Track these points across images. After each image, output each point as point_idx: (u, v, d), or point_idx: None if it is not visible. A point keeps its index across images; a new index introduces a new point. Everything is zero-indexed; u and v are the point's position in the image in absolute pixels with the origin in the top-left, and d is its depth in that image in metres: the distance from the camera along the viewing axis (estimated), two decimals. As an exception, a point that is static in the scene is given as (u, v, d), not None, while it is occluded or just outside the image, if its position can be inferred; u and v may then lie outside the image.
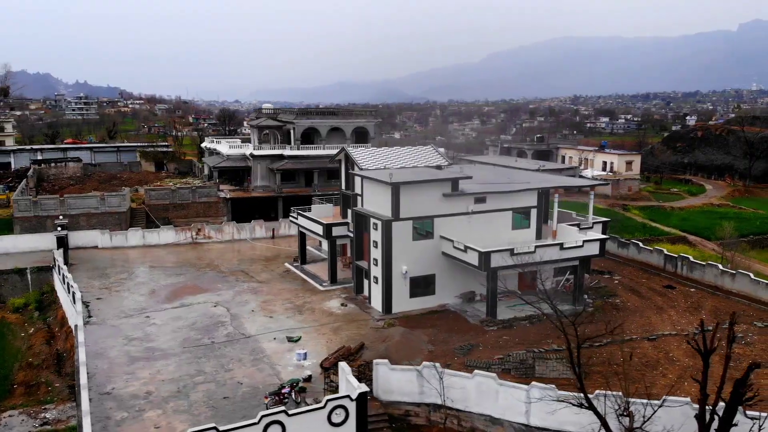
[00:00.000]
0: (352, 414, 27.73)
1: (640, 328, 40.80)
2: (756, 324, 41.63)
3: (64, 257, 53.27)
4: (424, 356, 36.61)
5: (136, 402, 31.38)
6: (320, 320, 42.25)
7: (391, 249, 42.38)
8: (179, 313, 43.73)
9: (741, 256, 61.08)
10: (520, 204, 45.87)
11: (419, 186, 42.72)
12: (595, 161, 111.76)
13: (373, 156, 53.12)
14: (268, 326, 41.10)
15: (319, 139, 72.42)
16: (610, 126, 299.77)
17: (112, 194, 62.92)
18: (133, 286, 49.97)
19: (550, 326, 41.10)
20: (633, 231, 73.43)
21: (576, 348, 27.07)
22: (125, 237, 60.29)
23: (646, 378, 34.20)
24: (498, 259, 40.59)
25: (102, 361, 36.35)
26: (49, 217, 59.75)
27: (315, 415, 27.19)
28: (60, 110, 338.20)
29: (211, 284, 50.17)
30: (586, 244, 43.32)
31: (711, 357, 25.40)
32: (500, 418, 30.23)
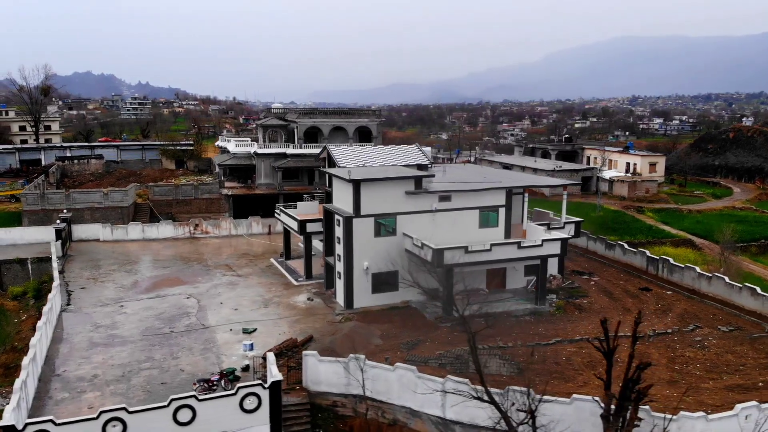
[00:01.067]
0: (265, 402, 28.68)
1: (597, 329, 40.40)
2: (720, 328, 40.81)
3: (62, 249, 56.00)
4: (370, 350, 37.32)
5: (80, 384, 33.09)
6: (282, 314, 43.38)
7: (351, 245, 43.17)
8: (152, 304, 45.55)
9: (736, 259, 59.33)
10: (487, 203, 45.90)
11: (381, 183, 43.36)
12: (618, 162, 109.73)
13: (354, 154, 53.96)
14: (229, 318, 42.44)
15: (323, 138, 73.69)
16: (664, 127, 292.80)
17: (116, 190, 65.79)
18: (119, 277, 52.17)
19: (505, 324, 41.42)
20: (635, 233, 72.13)
21: (500, 346, 27.24)
22: (125, 231, 62.85)
23: (581, 378, 34.14)
24: (452, 256, 40.88)
25: (64, 345, 38.33)
26: (56, 211, 62.85)
27: (226, 401, 28.25)
28: (116, 110, 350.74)
29: (193, 277, 51.93)
30: (546, 243, 43.15)
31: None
32: (419, 411, 30.69)
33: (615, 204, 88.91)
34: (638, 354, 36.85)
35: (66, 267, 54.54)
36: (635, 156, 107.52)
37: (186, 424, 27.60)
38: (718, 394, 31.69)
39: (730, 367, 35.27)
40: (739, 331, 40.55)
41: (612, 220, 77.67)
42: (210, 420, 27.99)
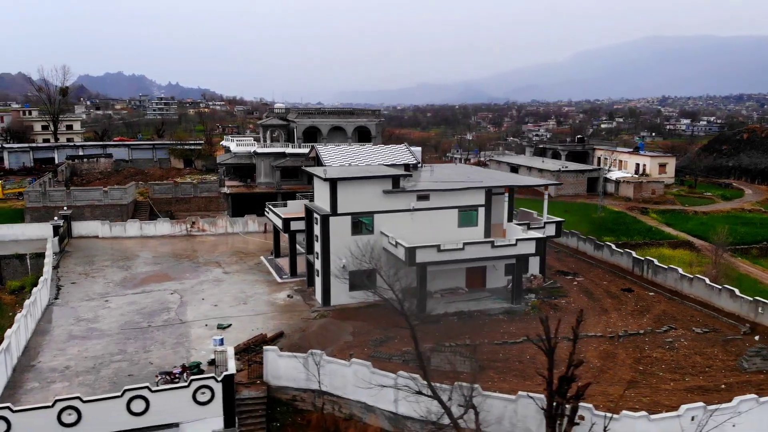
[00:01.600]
0: (218, 394, 29.43)
1: (566, 328, 40.40)
2: (694, 330, 40.55)
3: (59, 245, 57.53)
4: (338, 346, 37.91)
5: (51, 375, 34.16)
6: (260, 310, 44.10)
7: (328, 243, 43.75)
8: (136, 299, 46.63)
9: (733, 261, 58.73)
10: (467, 202, 46.06)
11: (358, 182, 43.86)
12: (628, 163, 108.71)
13: (342, 154, 54.57)
14: (207, 314, 43.29)
15: (322, 137, 74.41)
16: (691, 128, 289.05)
17: (115, 188, 67.31)
18: (110, 273, 53.43)
19: (477, 322, 41.70)
20: (634, 235, 71.56)
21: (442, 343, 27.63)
22: (124, 228, 64.25)
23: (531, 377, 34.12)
24: (424, 254, 41.23)
25: (44, 337, 39.51)
26: (57, 208, 64.48)
27: (179, 393, 29.05)
28: (143, 110, 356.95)
29: (181, 274, 52.97)
30: (520, 243, 43.22)
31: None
32: (373, 406, 31.14)
33: (619, 205, 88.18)
34: (606, 354, 37.13)
35: (61, 262, 55.99)
36: (644, 157, 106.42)
37: (140, 414, 28.47)
38: (677, 395, 31.59)
39: (696, 368, 35.11)
40: (714, 332, 40.25)
41: (612, 221, 77.12)
42: (163, 411, 28.81)
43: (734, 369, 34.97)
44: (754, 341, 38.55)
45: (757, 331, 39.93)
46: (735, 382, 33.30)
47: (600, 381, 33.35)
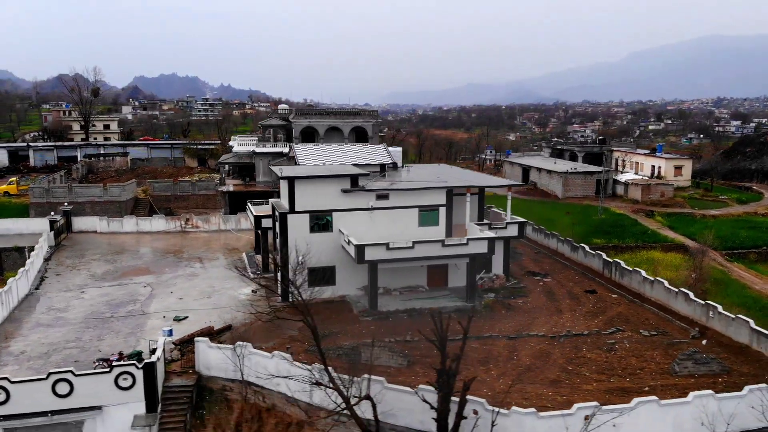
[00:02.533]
0: (139, 380, 30.95)
1: (512, 328, 40.80)
2: (642, 332, 40.34)
3: (55, 239, 60.46)
4: (281, 340, 39.15)
5: (6, 358, 36.32)
6: (220, 304, 45.63)
7: (287, 240, 45.04)
8: (110, 291, 48.81)
9: (721, 264, 57.78)
10: (427, 202, 46.70)
11: (315, 181, 45.04)
12: (644, 165, 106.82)
13: (318, 153, 55.82)
14: (170, 306, 45.05)
15: (319, 138, 75.84)
16: (741, 130, 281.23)
17: (114, 185, 70.18)
18: (96, 266, 55.89)
19: (426, 320, 42.12)
20: (624, 236, 70.71)
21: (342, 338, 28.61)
22: (121, 224, 66.93)
23: (467, 372, 34.59)
24: (373, 252, 42.09)
25: (12, 324, 41.86)
26: (60, 203, 67.64)
27: (102, 378, 30.69)
28: (189, 111, 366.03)
29: (161, 268, 55.02)
30: (472, 242, 43.66)
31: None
32: (292, 397, 32.23)
33: (625, 207, 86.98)
34: (540, 353, 37.44)
35: (54, 255, 58.80)
36: (660, 159, 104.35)
37: (64, 396, 30.18)
38: (595, 396, 31.65)
39: (627, 370, 35.07)
40: (662, 335, 39.98)
41: (609, 224, 76.29)
42: (87, 394, 30.46)
43: (666, 372, 34.82)
44: (701, 345, 38.21)
45: (707, 336, 39.48)
46: (661, 384, 33.19)
47: (523, 379, 33.77)
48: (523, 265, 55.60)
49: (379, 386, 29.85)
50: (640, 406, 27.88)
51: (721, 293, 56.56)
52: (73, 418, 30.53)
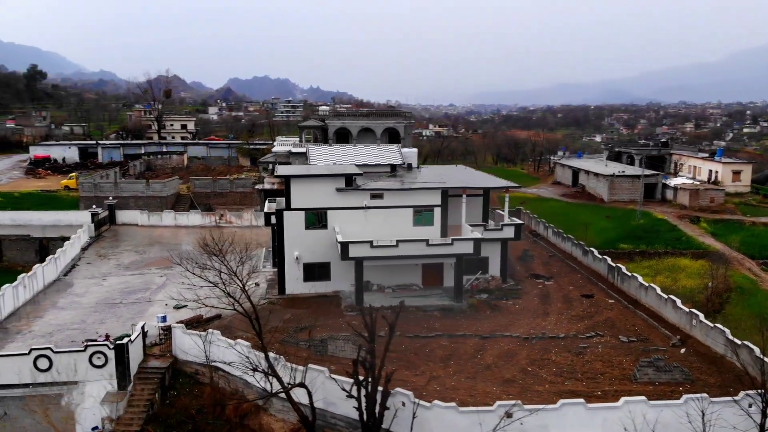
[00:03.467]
0: (111, 360, 33.75)
1: (489, 328, 41.16)
2: (621, 338, 39.86)
3: (95, 230, 65.26)
4: (265, 330, 41.12)
5: (14, 336, 40.23)
6: (220, 294, 48.17)
7: (283, 236, 47.14)
8: (129, 279, 52.51)
9: (756, 273, 55.73)
10: (422, 202, 47.56)
11: (311, 180, 46.91)
12: (702, 170, 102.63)
13: (330, 153, 57.72)
14: (175, 296, 47.96)
15: (352, 138, 77.80)
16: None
17: (156, 181, 74.61)
18: (125, 256, 60.01)
19: (409, 317, 43.27)
20: (654, 242, 68.69)
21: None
22: (160, 217, 71.24)
23: (425, 368, 35.50)
24: (357, 249, 43.51)
25: (32, 306, 46.06)
26: (106, 197, 72.71)
27: (78, 356, 33.66)
28: (273, 112, 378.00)
29: (181, 259, 58.31)
30: (457, 242, 44.31)
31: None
32: (251, 383, 34.17)
33: (670, 213, 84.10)
34: (506, 353, 37.90)
35: (92, 245, 63.50)
36: (718, 163, 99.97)
37: (45, 370, 33.36)
38: (542, 397, 31.93)
39: (587, 374, 34.94)
40: (642, 342, 39.37)
41: (645, 229, 74.18)
42: (65, 370, 33.53)
43: (627, 378, 34.47)
44: (678, 353, 37.49)
45: (688, 344, 38.59)
46: (617, 390, 32.89)
47: (477, 377, 34.40)
48: (531, 268, 55.47)
49: (322, 376, 31.31)
50: (566, 407, 28.05)
51: (743, 303, 54.44)
52: (52, 391, 33.64)
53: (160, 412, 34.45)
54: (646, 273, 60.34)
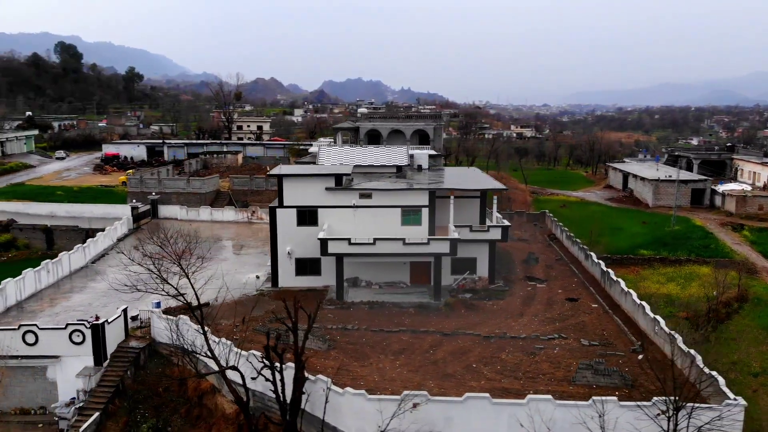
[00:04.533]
0: (89, 338, 37.51)
1: (455, 326, 42.15)
2: (582, 341, 40.01)
3: (133, 222, 70.63)
4: (245, 317, 43.98)
5: (26, 314, 44.96)
6: (220, 285, 51.52)
7: (276, 232, 49.91)
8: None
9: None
10: (410, 203, 49.07)
11: (302, 179, 49.44)
12: (761, 176, 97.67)
13: (338, 154, 60.07)
14: (182, 283, 51.71)
15: (382, 140, 79.81)
16: None
17: (196, 179, 79.43)
18: (154, 247, 64.49)
19: (384, 312, 45.01)
20: (678, 249, 66.74)
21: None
22: (197, 212, 75.95)
23: (374, 359, 37.14)
24: (335, 246, 45.64)
25: (53, 289, 50.99)
26: (150, 193, 78.22)
27: (59, 333, 37.64)
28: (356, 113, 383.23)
29: (204, 251, 62.26)
30: (433, 242, 45.55)
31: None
32: (210, 366, 36.98)
33: (713, 220, 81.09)
34: (459, 350, 39.08)
35: (129, 237, 68.67)
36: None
37: (32, 344, 37.51)
38: (472, 392, 32.94)
39: (528, 374, 35.48)
40: (603, 347, 39.37)
41: (675, 236, 72.12)
42: (49, 345, 37.58)
43: (567, 380, 34.83)
44: (635, 359, 37.39)
45: (649, 351, 38.30)
46: (551, 390, 33.32)
47: (420, 371, 35.75)
48: (531, 270, 55.68)
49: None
50: (470, 401, 29.10)
51: (754, 314, 52.72)
52: (38, 363, 37.75)
53: (130, 387, 37.94)
54: (659, 280, 59.41)
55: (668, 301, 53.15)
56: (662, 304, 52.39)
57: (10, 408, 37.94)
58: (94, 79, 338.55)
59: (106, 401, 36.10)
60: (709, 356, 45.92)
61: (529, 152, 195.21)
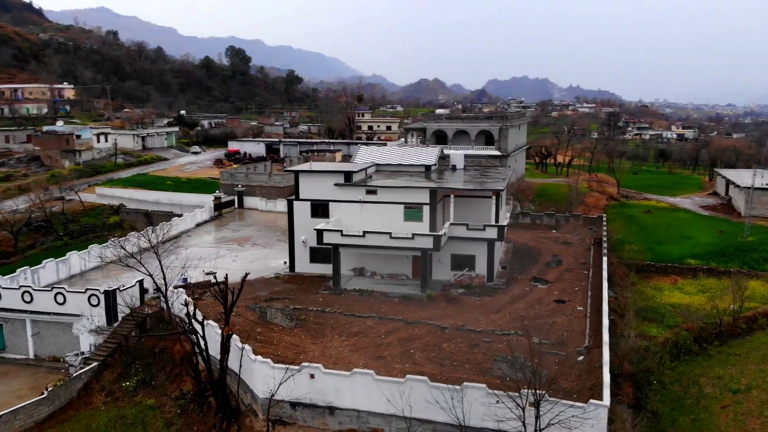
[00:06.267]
0: (102, 302, 45.05)
1: (425, 316, 44.59)
2: (533, 339, 40.95)
3: (215, 211, 79.53)
4: (250, 297, 49.58)
5: (86, 281, 54.03)
6: (249, 268, 57.07)
7: (292, 222, 55.11)
8: (201, 250, 64.53)
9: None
10: (412, 200, 52.00)
11: (315, 175, 54.17)
12: None
13: (373, 153, 64.02)
14: (218, 264, 58.47)
15: (448, 140, 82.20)
16: None
17: (277, 174, 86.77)
18: (222, 232, 72.65)
19: (368, 299, 48.56)
20: (731, 260, 62.75)
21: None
22: (275, 204, 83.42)
23: (326, 339, 41.01)
24: (330, 237, 49.84)
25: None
26: (237, 185, 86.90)
27: (80, 296, 45.54)
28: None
29: (254, 239, 69.24)
30: (418, 237, 48.20)
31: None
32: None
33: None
34: (408, 337, 42.15)
35: (208, 223, 77.54)
36: None
37: (61, 304, 45.81)
38: (390, 373, 35.85)
39: (454, 362, 37.62)
40: (553, 345, 40.22)
41: (739, 247, 67.58)
42: (75, 305, 45.63)
43: (485, 371, 36.49)
44: (575, 360, 38.15)
45: (595, 353, 38.68)
46: (464, 378, 35.24)
47: (359, 351, 39.15)
48: (545, 272, 56.12)
49: (212, 330, 38.87)
50: (357, 375, 32.26)
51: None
52: (65, 320, 45.94)
53: (133, 346, 44.95)
54: (690, 291, 57.33)
55: (685, 312, 51.37)
56: (668, 315, 51.03)
57: (46, 355, 46.57)
58: (260, 81, 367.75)
59: (107, 354, 43.31)
60: (697, 369, 45.10)
61: (670, 155, 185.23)
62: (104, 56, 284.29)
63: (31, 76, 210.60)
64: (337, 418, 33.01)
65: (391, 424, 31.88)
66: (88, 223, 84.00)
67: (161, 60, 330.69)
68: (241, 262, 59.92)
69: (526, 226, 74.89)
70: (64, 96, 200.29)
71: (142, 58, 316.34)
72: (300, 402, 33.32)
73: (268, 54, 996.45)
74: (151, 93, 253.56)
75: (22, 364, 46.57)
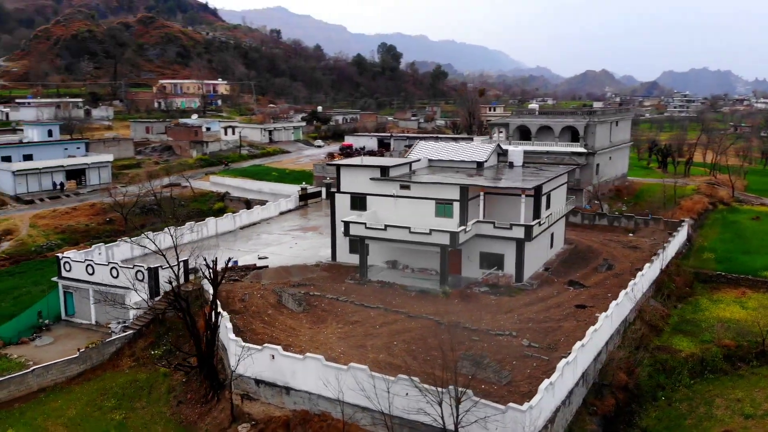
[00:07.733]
0: (146, 277, 50.36)
1: (431, 311, 45.03)
2: (523, 341, 40.34)
3: (300, 201, 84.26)
4: (282, 281, 52.75)
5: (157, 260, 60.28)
6: (299, 255, 60.88)
7: (334, 214, 57.50)
8: (271, 237, 68.91)
9: None
10: (443, 196, 52.38)
11: (354, 169, 56.16)
12: None
13: (429, 148, 64.75)
14: (275, 251, 62.45)
15: (531, 135, 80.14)
16: None
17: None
18: (299, 221, 76.86)
19: (387, 291, 49.89)
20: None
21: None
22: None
23: (326, 325, 43.02)
24: (355, 229, 51.65)
25: (193, 244, 66.10)
26: (326, 178, 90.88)
27: (129, 271, 51.09)
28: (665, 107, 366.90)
29: (325, 228, 72.12)
30: (435, 233, 48.56)
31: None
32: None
33: None
34: (401, 330, 43.57)
35: (292, 212, 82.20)
36: None
37: (115, 278, 51.82)
38: (353, 360, 37.24)
39: (429, 358, 37.95)
40: (542, 350, 39.33)
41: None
42: (124, 279, 51.28)
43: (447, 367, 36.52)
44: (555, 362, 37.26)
45: (578, 360, 37.42)
46: (426, 372, 35.42)
47: (347, 338, 40.82)
48: (587, 276, 53.98)
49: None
50: (309, 360, 34.06)
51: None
52: (118, 292, 51.78)
53: (168, 319, 49.76)
54: (752, 306, 52.59)
55: (734, 328, 47.35)
56: (707, 329, 47.30)
57: (104, 322, 52.76)
58: (408, 77, 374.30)
59: (143, 325, 48.41)
60: (718, 388, 42.06)
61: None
62: (262, 54, 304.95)
63: (191, 72, 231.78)
64: (293, 398, 35.01)
65: (336, 408, 33.26)
66: (195, 208, 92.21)
67: (315, 58, 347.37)
68: (297, 249, 63.42)
69: (601, 228, 71.64)
70: (217, 91, 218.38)
71: (297, 55, 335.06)
72: (263, 380, 35.78)
73: (431, 49, 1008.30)
74: (300, 89, 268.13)
75: (86, 328, 53.19)
